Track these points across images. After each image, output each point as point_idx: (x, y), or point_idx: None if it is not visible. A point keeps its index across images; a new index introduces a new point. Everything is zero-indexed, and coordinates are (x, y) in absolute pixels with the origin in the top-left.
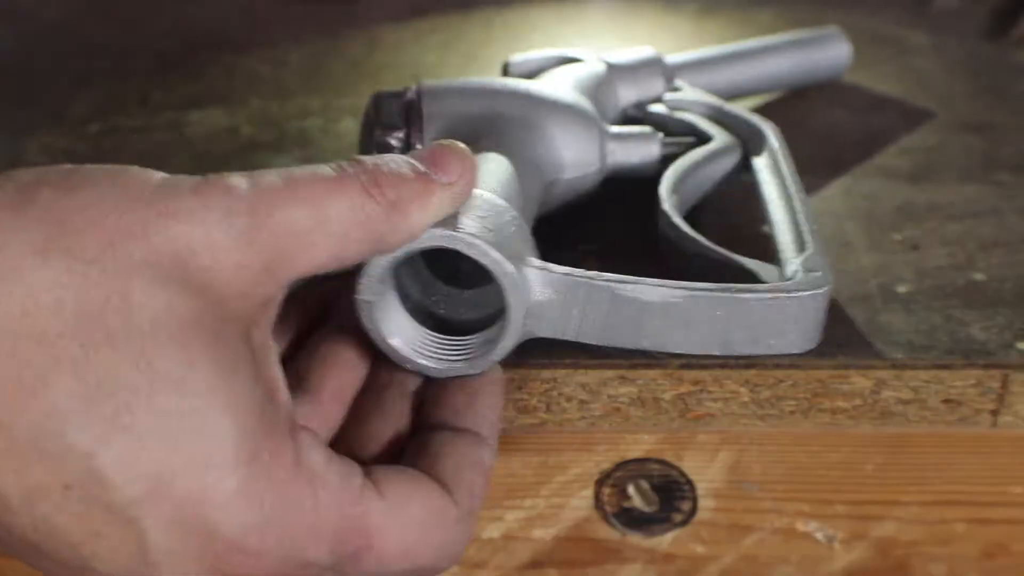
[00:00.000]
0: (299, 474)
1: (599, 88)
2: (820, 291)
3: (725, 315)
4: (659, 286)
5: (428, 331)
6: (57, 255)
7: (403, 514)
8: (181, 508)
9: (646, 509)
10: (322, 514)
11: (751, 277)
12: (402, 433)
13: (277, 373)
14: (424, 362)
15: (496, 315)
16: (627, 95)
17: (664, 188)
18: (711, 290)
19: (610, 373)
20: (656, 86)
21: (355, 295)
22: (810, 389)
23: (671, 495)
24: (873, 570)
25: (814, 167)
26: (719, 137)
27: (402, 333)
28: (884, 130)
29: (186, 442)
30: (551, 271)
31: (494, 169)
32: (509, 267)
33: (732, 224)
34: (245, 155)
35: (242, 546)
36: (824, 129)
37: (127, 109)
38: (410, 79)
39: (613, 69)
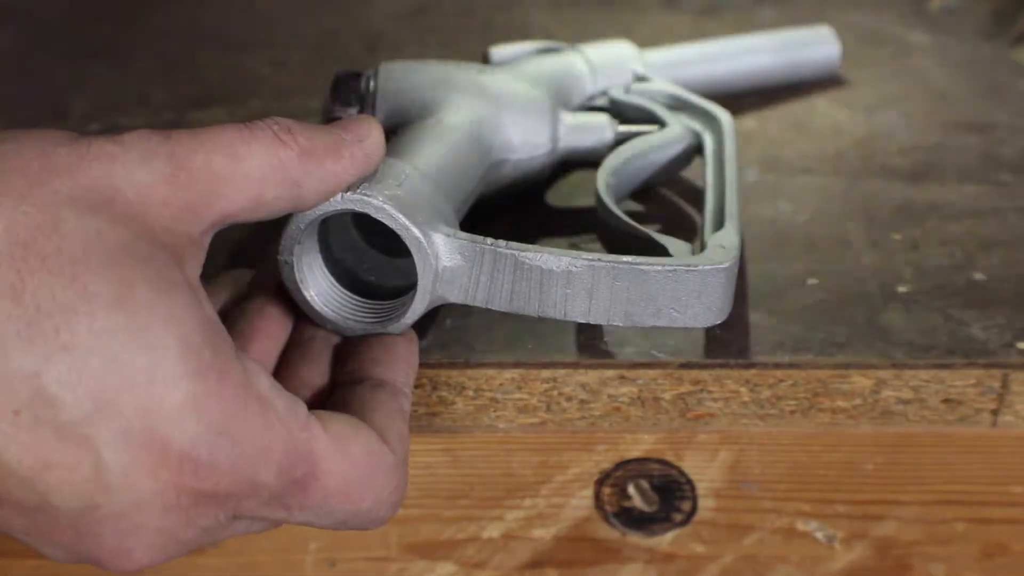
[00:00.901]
0: (248, 394)
1: (565, 77)
2: (721, 266)
3: (626, 286)
4: (562, 256)
5: (346, 292)
6: None
7: (346, 451)
8: (131, 422)
9: (646, 509)
10: (271, 434)
11: (663, 252)
12: (326, 384)
13: (213, 313)
14: (340, 321)
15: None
16: (594, 85)
17: (603, 168)
18: (611, 261)
19: (610, 373)
20: (624, 77)
21: (277, 255)
22: (810, 389)
23: (671, 495)
24: (873, 570)
25: (814, 167)
26: (673, 125)
27: (321, 293)
28: (884, 130)
29: (129, 357)
30: (457, 237)
31: (425, 140)
32: (416, 231)
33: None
34: None
35: (194, 458)
36: (824, 129)
37: (127, 109)
38: None
39: (583, 60)
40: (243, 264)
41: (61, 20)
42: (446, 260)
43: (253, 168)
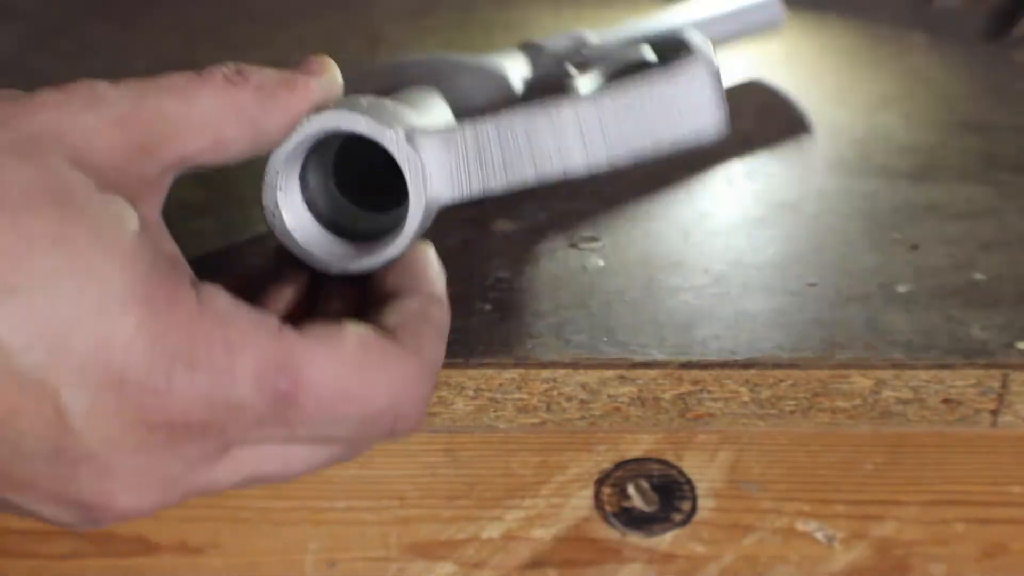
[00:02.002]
0: (203, 315)
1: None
2: (698, 61)
3: (612, 113)
4: (540, 104)
5: (335, 236)
6: None
7: (333, 351)
8: (84, 358)
9: (646, 509)
10: (235, 350)
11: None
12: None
13: (173, 247)
14: (335, 261)
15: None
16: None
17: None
18: (590, 94)
19: (610, 373)
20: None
21: (262, 203)
22: (810, 389)
23: (671, 495)
24: (873, 570)
25: (814, 167)
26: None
27: (310, 236)
28: (884, 130)
29: (74, 292)
30: (434, 129)
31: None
32: (391, 132)
33: None
34: None
35: (155, 388)
36: (824, 129)
37: None
38: None
39: (536, 49)
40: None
41: (61, 20)
42: (428, 155)
43: (206, 108)
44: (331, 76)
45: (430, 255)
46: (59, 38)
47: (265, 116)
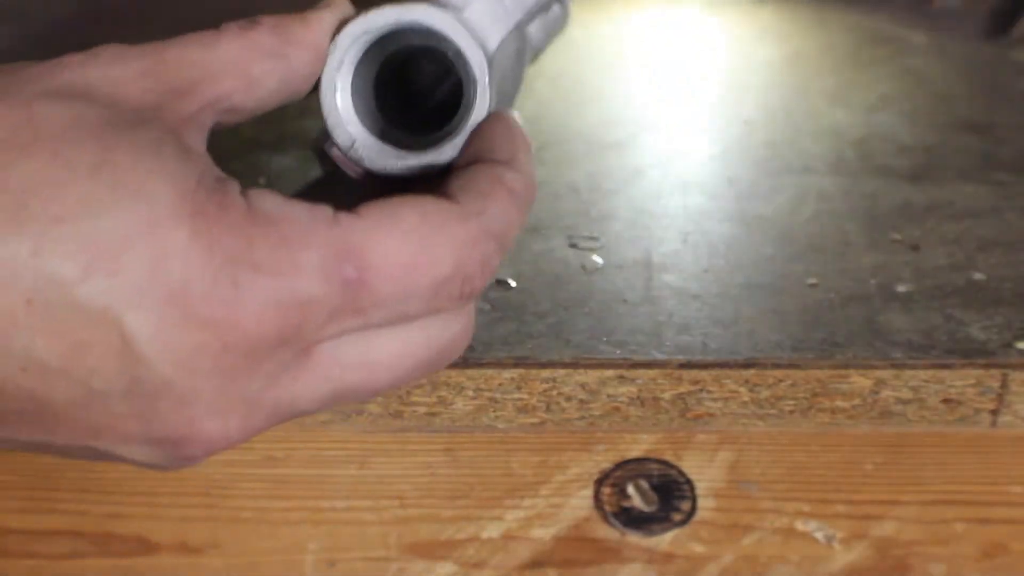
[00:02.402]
0: (256, 216)
1: None
2: None
3: None
4: None
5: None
6: None
7: (392, 224)
8: (143, 277)
9: (646, 509)
10: (293, 243)
11: None
12: None
13: (219, 172)
14: (410, 166)
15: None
16: None
17: None
18: None
19: (610, 373)
20: None
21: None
22: (810, 389)
23: (670, 495)
24: (873, 570)
25: (814, 167)
26: None
27: (386, 153)
28: (884, 130)
29: (124, 212)
30: None
31: None
32: (418, 6)
33: None
34: (245, 154)
35: (219, 296)
36: (824, 129)
37: None
38: None
39: None
40: None
41: (61, 20)
42: (461, 4)
43: (227, 51)
44: (343, 6)
45: (508, 122)
46: (59, 39)
47: (287, 48)
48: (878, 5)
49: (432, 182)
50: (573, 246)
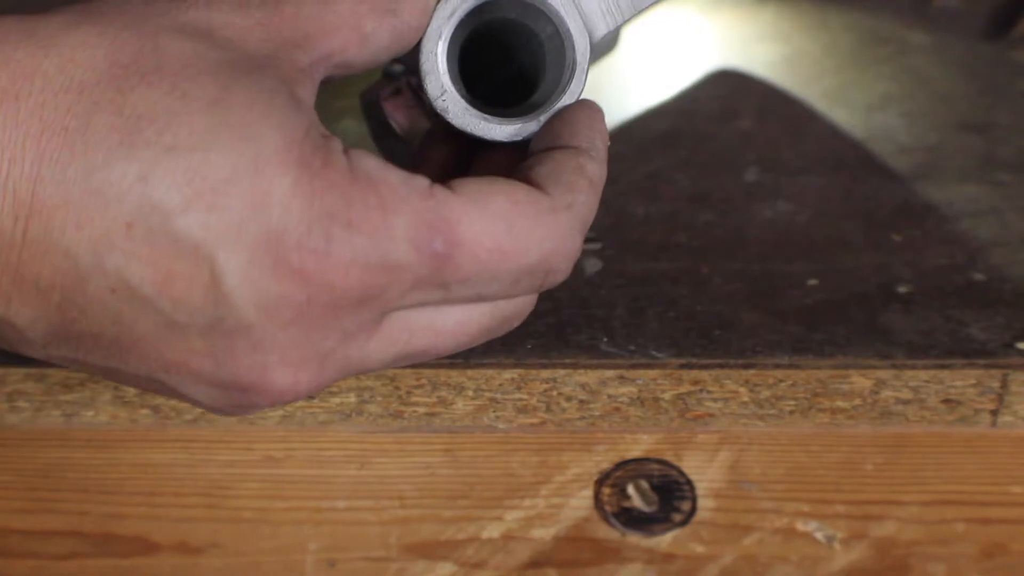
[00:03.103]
0: (356, 177)
1: None
2: None
3: None
4: None
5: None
6: (87, 24)
7: (485, 207)
8: (242, 217)
9: (646, 509)
10: (389, 208)
11: None
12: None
13: (323, 128)
14: (503, 130)
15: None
16: None
17: None
18: None
19: (610, 373)
20: None
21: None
22: (810, 389)
23: (671, 495)
24: (873, 570)
25: (814, 167)
26: None
27: (478, 116)
28: (884, 130)
29: (232, 151)
30: None
31: None
32: None
33: None
34: None
35: (313, 248)
36: (824, 129)
37: None
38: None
39: None
40: None
41: None
42: None
43: (343, 6)
44: None
45: (594, 111)
46: None
47: (398, 4)
48: (878, 5)
49: (504, 151)
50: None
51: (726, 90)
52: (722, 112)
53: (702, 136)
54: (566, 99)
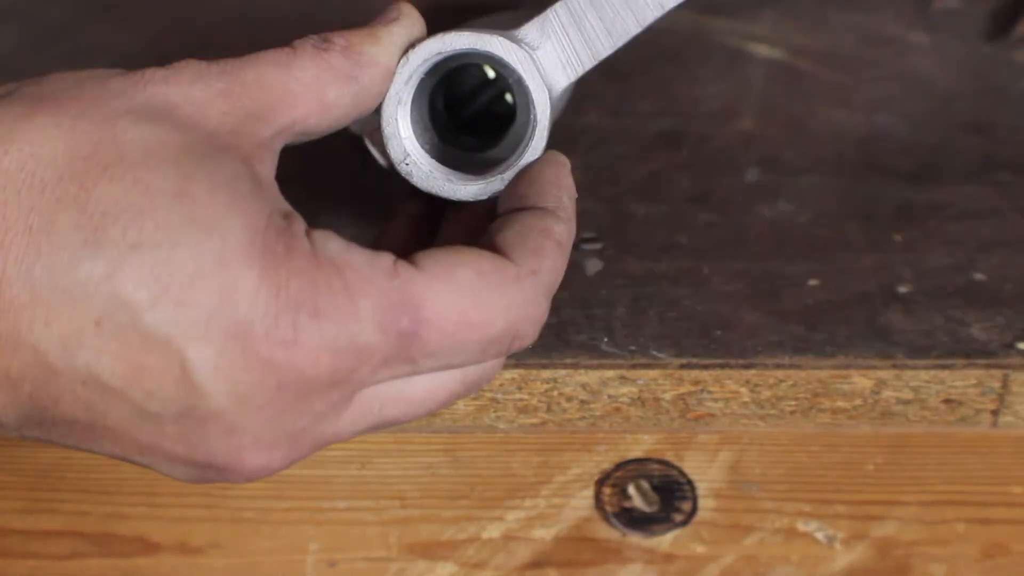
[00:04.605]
0: (320, 262)
1: None
2: None
3: None
4: None
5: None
6: (43, 117)
7: (450, 281)
8: (210, 312)
9: (646, 509)
10: (354, 291)
11: None
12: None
13: (287, 205)
14: (465, 190)
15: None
16: None
17: None
18: None
19: (610, 373)
20: None
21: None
22: (810, 389)
23: (671, 495)
24: (873, 570)
25: (814, 167)
26: None
27: (439, 175)
28: (884, 130)
29: (197, 245)
30: (527, 22)
31: None
32: (494, 38)
33: None
34: None
35: (281, 338)
36: (824, 129)
37: None
38: None
39: None
40: None
41: (61, 21)
42: (534, 43)
43: (305, 72)
44: (412, 19)
45: (559, 166)
46: (59, 39)
47: (359, 71)
48: (878, 5)
49: (473, 208)
50: (574, 247)
51: (726, 90)
52: (722, 112)
53: (702, 136)
54: (528, 156)
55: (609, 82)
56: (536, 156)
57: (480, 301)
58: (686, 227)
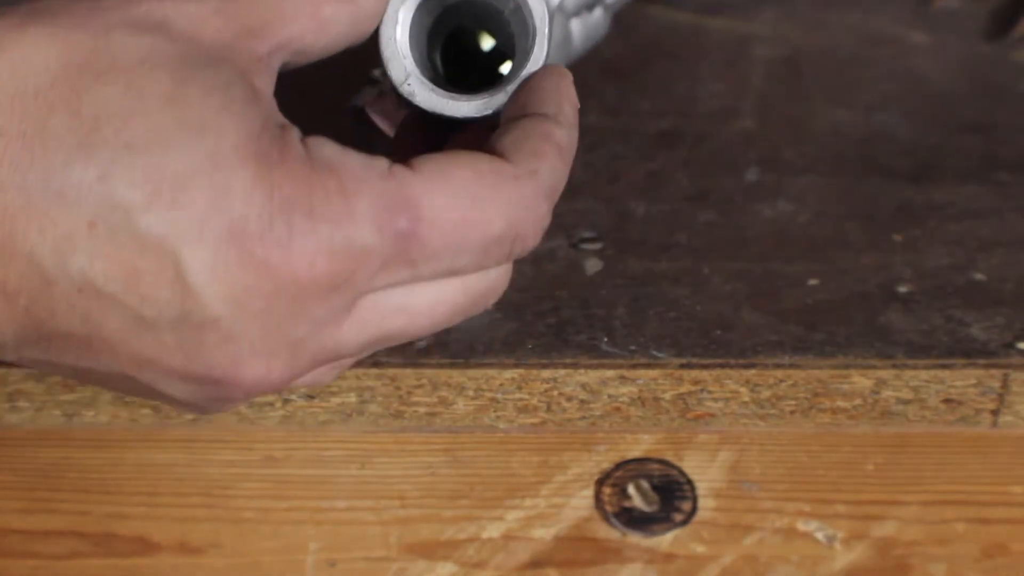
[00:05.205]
0: (315, 164)
1: None
2: None
3: None
4: None
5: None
6: (35, 27)
7: (447, 180)
8: (204, 213)
9: (646, 509)
10: (350, 192)
11: None
12: None
13: (283, 118)
14: (467, 109)
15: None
16: None
17: None
18: None
19: (610, 373)
20: None
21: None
22: (810, 389)
23: (671, 495)
24: (873, 570)
25: (814, 167)
26: None
27: (442, 96)
28: (884, 130)
29: (191, 145)
30: None
31: None
32: None
33: None
34: None
35: (277, 239)
36: (824, 129)
37: None
38: None
39: None
40: None
41: None
42: None
43: None
44: None
45: (561, 76)
46: None
47: None
48: (878, 5)
49: (477, 130)
50: (574, 247)
51: (726, 90)
52: (722, 112)
53: (702, 136)
54: (530, 66)
55: (609, 81)
56: (537, 67)
57: (478, 199)
58: (686, 227)
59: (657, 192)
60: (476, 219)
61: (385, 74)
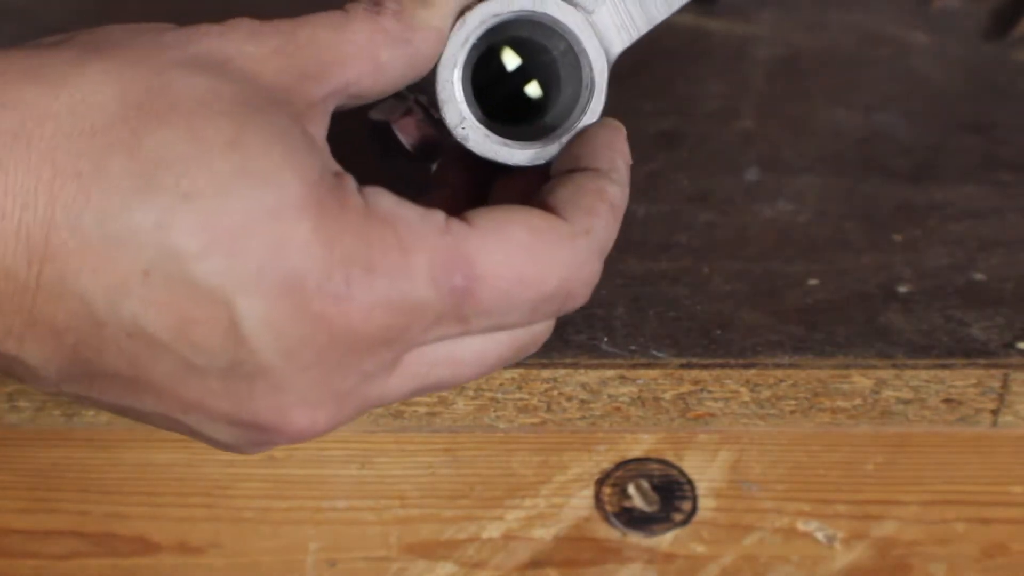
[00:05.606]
0: (372, 217)
1: None
2: None
3: None
4: None
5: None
6: (96, 63)
7: (504, 238)
8: (261, 264)
9: (646, 509)
10: (408, 247)
11: None
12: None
13: (337, 166)
14: (522, 154)
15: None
16: None
17: None
18: None
19: (610, 373)
20: None
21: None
22: (810, 389)
23: (671, 495)
24: (873, 570)
25: (814, 167)
26: None
27: (495, 141)
28: (884, 130)
29: (251, 197)
30: None
31: None
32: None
33: None
34: None
35: (333, 292)
36: (824, 129)
37: None
38: None
39: None
40: None
41: (61, 21)
42: (590, 6)
43: (358, 34)
44: None
45: (616, 131)
46: None
47: (412, 33)
48: (878, 5)
49: (525, 176)
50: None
51: (726, 90)
52: (722, 112)
53: (702, 136)
54: (586, 119)
55: (609, 82)
56: (593, 120)
57: (534, 258)
58: (686, 227)
59: (657, 192)
60: (530, 278)
61: (414, 90)
